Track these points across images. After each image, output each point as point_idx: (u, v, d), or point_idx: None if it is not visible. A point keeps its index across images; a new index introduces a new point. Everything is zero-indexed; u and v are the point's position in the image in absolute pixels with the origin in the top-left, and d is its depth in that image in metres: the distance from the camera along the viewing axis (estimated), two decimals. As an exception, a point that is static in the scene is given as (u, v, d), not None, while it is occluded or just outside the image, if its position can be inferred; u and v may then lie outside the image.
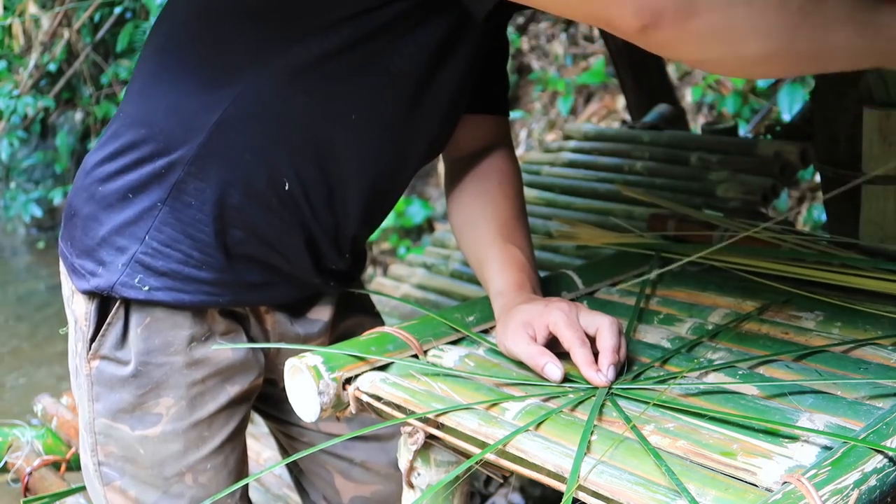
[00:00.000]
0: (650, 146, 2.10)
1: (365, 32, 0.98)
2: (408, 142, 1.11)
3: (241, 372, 1.17)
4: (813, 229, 3.07)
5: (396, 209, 4.23)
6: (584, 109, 4.35)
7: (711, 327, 1.10)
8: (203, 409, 1.14)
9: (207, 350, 1.13)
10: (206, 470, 1.15)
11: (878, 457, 0.75)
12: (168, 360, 1.11)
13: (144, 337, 1.10)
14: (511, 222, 1.16)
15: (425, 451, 1.02)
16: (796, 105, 3.18)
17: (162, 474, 1.14)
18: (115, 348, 1.12)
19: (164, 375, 1.12)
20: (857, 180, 1.29)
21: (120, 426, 1.13)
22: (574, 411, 0.92)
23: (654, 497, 0.76)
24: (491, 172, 1.20)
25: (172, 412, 1.13)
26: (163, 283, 1.08)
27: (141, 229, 1.07)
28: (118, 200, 1.08)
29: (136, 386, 1.12)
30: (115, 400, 1.12)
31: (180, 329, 1.11)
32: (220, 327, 1.15)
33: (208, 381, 1.14)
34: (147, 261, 1.07)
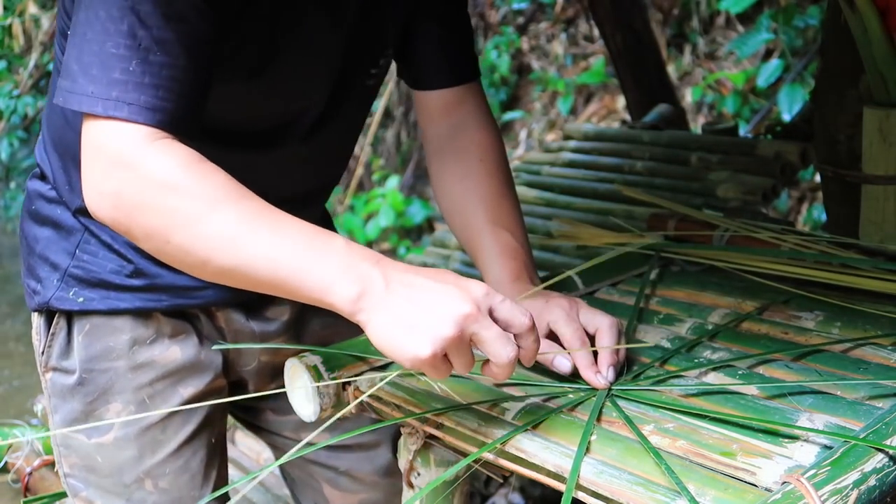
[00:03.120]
0: (650, 146, 2.10)
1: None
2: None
3: (194, 373, 1.16)
4: (813, 229, 3.07)
5: (396, 209, 4.23)
6: (584, 109, 4.35)
7: (711, 327, 1.10)
8: (154, 412, 1.13)
9: (153, 353, 1.13)
10: (165, 474, 1.14)
11: (878, 456, 0.75)
12: (111, 365, 1.12)
13: (85, 345, 1.12)
14: (499, 203, 1.14)
15: (425, 451, 1.02)
16: (796, 105, 3.18)
17: (122, 481, 1.14)
18: (61, 358, 1.13)
19: (108, 381, 1.12)
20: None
21: (77, 435, 1.13)
22: (574, 411, 0.92)
23: (654, 497, 0.76)
24: (470, 147, 1.17)
25: (123, 417, 1.13)
26: (96, 294, 1.10)
27: (70, 244, 1.11)
28: (48, 219, 1.12)
29: (83, 394, 1.12)
30: (69, 410, 1.13)
31: (120, 333, 1.12)
32: (167, 329, 1.14)
33: (157, 384, 1.13)
34: (79, 274, 1.10)
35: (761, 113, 3.55)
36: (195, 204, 0.81)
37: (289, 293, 0.82)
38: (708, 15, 4.15)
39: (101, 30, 0.83)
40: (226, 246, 0.81)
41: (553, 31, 4.65)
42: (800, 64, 3.48)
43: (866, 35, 1.38)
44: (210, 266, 0.82)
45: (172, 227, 0.82)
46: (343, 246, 0.82)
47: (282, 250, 0.81)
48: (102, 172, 0.84)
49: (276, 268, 0.81)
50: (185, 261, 0.84)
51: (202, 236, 0.81)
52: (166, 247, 0.83)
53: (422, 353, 0.77)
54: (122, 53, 0.82)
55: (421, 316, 0.78)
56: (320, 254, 0.81)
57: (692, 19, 4.16)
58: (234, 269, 0.82)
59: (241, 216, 0.82)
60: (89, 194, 0.85)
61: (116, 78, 0.82)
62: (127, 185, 0.82)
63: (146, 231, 0.83)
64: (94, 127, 0.85)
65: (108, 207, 0.84)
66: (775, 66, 3.54)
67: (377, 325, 0.79)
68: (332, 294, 0.80)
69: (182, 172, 0.82)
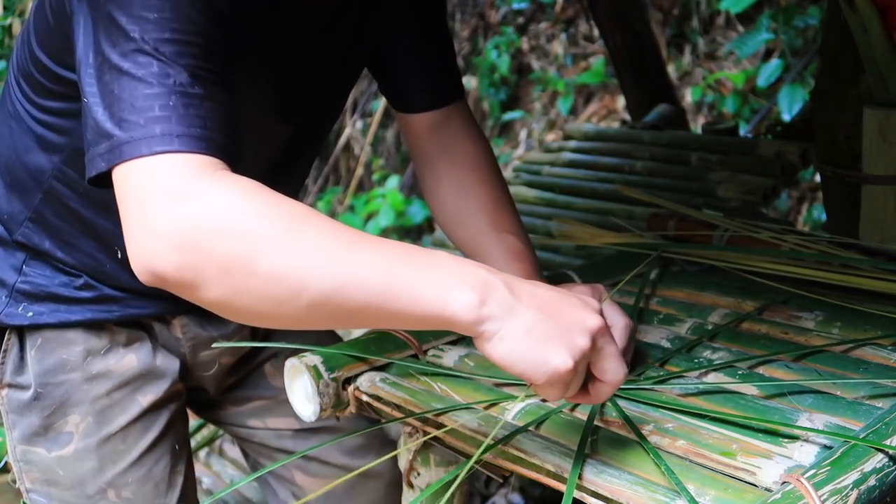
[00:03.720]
0: (650, 146, 2.10)
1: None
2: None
3: (151, 381, 1.15)
4: (813, 229, 3.07)
5: (396, 209, 4.23)
6: (584, 109, 4.34)
7: (711, 327, 1.10)
8: (113, 422, 1.13)
9: (107, 363, 1.12)
10: (127, 484, 1.14)
11: (878, 456, 0.75)
12: (66, 377, 1.11)
13: (38, 359, 1.11)
14: (499, 209, 1.14)
15: (425, 451, 1.02)
16: (796, 105, 3.18)
17: (84, 493, 1.13)
18: (15, 374, 1.13)
19: (65, 394, 1.11)
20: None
21: (37, 450, 1.13)
22: (574, 411, 0.92)
23: (654, 497, 0.76)
24: (462, 159, 1.17)
25: (82, 429, 1.12)
26: (46, 308, 1.10)
27: (17, 260, 1.10)
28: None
29: (40, 408, 1.12)
30: (27, 424, 1.13)
31: (73, 345, 1.11)
32: (121, 338, 1.14)
33: (114, 393, 1.13)
34: (27, 289, 1.10)
35: (761, 113, 3.55)
36: (279, 223, 0.71)
37: (399, 312, 0.71)
38: (708, 15, 4.15)
39: (128, 81, 0.76)
40: (323, 264, 0.70)
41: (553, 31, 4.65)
42: (800, 64, 3.48)
43: (866, 35, 1.38)
44: (306, 294, 0.70)
45: (258, 251, 0.70)
46: (447, 254, 0.74)
47: (386, 260, 0.71)
48: (158, 213, 0.71)
49: (386, 281, 0.71)
50: (274, 293, 0.70)
51: (295, 256, 0.70)
52: (250, 280, 0.70)
53: (563, 366, 0.71)
54: (158, 91, 0.76)
55: (556, 327, 0.72)
56: (428, 261, 0.73)
57: (692, 19, 4.16)
58: (335, 291, 0.70)
59: (331, 231, 0.72)
60: (143, 245, 0.72)
61: (157, 115, 0.75)
62: (194, 217, 0.70)
63: (225, 264, 0.70)
64: (136, 170, 0.74)
65: (171, 250, 0.70)
66: (775, 66, 3.54)
67: (509, 337, 0.71)
68: (450, 303, 0.70)
69: (254, 195, 0.72)
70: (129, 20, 0.76)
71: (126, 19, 0.77)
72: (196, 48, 0.78)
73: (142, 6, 0.77)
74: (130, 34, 0.76)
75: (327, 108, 1.17)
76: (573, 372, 0.73)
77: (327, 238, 0.71)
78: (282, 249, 0.70)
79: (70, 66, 0.93)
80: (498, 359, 0.72)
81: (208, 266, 0.70)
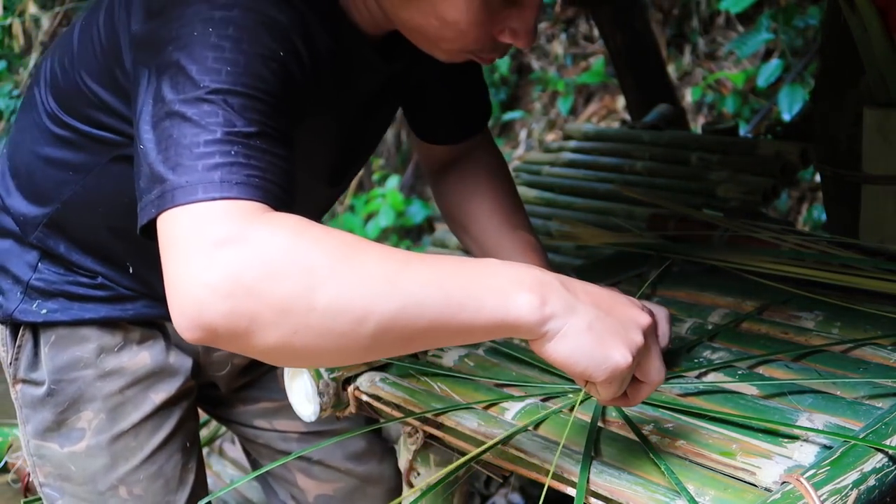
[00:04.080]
0: (650, 146, 2.10)
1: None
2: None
3: (164, 379, 1.16)
4: (813, 229, 3.07)
5: (396, 209, 4.23)
6: (584, 109, 4.34)
7: (711, 327, 1.10)
8: (125, 419, 1.13)
9: (121, 360, 1.13)
10: (139, 481, 1.14)
11: (878, 456, 0.75)
12: (79, 374, 1.11)
13: (52, 355, 1.11)
14: (514, 212, 1.17)
15: (425, 451, 1.02)
16: (796, 105, 3.18)
17: (96, 489, 1.14)
18: (30, 370, 1.13)
19: (78, 390, 1.12)
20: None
21: (50, 445, 1.14)
22: (573, 411, 0.92)
23: (654, 497, 0.76)
24: (479, 169, 1.19)
25: (94, 425, 1.13)
26: (60, 305, 1.10)
27: (32, 257, 1.10)
28: (7, 230, 1.11)
29: (53, 404, 1.12)
30: (40, 420, 1.13)
31: (87, 343, 1.11)
32: (134, 335, 1.14)
33: (127, 390, 1.13)
34: (41, 287, 1.10)
35: (761, 113, 3.55)
36: (333, 254, 0.68)
37: (462, 325, 0.70)
38: (708, 15, 4.15)
39: (190, 127, 0.73)
40: (384, 288, 0.68)
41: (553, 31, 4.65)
42: (800, 64, 3.48)
43: (866, 35, 1.38)
44: (371, 319, 0.67)
45: (316, 285, 0.66)
46: (497, 261, 0.73)
47: (443, 275, 0.70)
48: (206, 261, 0.66)
49: (447, 295, 0.69)
50: (336, 326, 0.67)
51: (354, 284, 0.67)
52: (310, 316, 0.66)
53: (624, 362, 0.72)
54: (221, 138, 0.72)
55: (613, 323, 0.73)
56: (482, 270, 0.72)
57: (692, 19, 4.16)
58: (399, 312, 0.68)
59: (384, 255, 0.70)
60: (188, 297, 0.67)
61: (218, 162, 0.71)
62: (245, 261, 0.66)
63: (282, 304, 0.66)
64: (185, 215, 0.70)
65: (221, 298, 0.66)
66: (775, 66, 3.54)
67: (572, 334, 0.71)
68: (513, 307, 0.70)
69: (302, 229, 0.69)
70: (199, 70, 0.75)
71: (196, 69, 0.75)
72: (263, 105, 0.76)
73: (214, 59, 0.75)
74: (199, 83, 0.74)
75: (364, 164, 1.20)
76: (631, 368, 0.73)
77: (382, 262, 0.69)
78: (340, 279, 0.67)
79: (112, 102, 0.94)
80: (560, 357, 0.72)
81: (263, 309, 0.66)
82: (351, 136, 1.06)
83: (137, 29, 0.84)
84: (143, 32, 0.83)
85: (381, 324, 0.68)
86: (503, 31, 0.89)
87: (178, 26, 0.78)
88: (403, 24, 0.90)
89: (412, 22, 0.88)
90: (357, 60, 0.96)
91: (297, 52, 0.82)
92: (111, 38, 0.91)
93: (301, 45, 0.82)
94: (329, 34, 0.90)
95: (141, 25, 0.84)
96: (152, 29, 0.81)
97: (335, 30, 0.91)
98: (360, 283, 0.67)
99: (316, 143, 1.00)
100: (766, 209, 1.81)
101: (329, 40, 0.90)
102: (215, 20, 0.77)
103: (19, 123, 1.10)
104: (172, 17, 0.79)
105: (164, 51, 0.77)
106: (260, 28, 0.78)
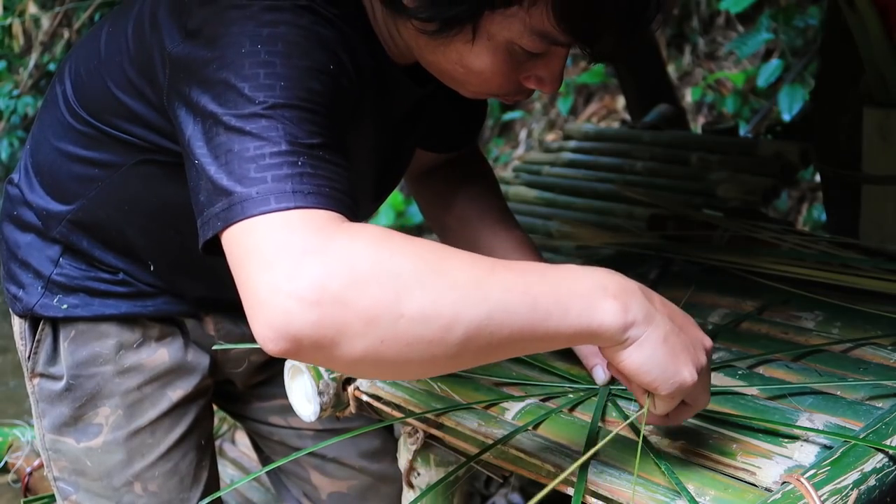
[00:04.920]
0: (650, 146, 2.10)
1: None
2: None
3: (182, 376, 1.16)
4: (813, 229, 3.07)
5: (396, 209, 4.23)
6: (584, 109, 4.35)
7: (711, 327, 1.10)
8: (143, 416, 1.14)
9: (140, 357, 1.13)
10: (154, 478, 1.15)
11: (878, 456, 0.75)
12: (98, 370, 1.12)
13: (71, 350, 1.11)
14: (505, 213, 1.17)
15: (425, 451, 1.02)
16: (796, 105, 3.18)
17: (111, 485, 1.14)
18: (48, 365, 1.13)
19: (96, 386, 1.12)
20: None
21: (66, 440, 1.14)
22: (573, 411, 0.92)
23: (654, 497, 0.76)
24: (469, 176, 1.21)
25: (111, 421, 1.13)
26: (80, 300, 1.10)
27: (54, 252, 1.09)
28: (30, 225, 1.11)
29: (71, 399, 1.12)
30: (57, 414, 1.13)
31: (106, 338, 1.11)
32: (153, 332, 1.14)
33: (145, 387, 1.13)
34: (62, 282, 1.10)
35: (761, 113, 3.55)
36: (419, 261, 0.67)
37: (549, 332, 0.70)
38: (708, 15, 4.15)
39: (251, 140, 0.72)
40: (472, 294, 0.67)
41: (553, 31, 4.65)
42: (800, 64, 3.48)
43: (866, 35, 1.38)
44: (459, 325, 0.66)
45: (404, 291, 0.65)
46: (579, 266, 0.73)
47: (529, 281, 0.69)
48: (290, 271, 0.65)
49: (534, 301, 0.69)
50: (425, 333, 0.66)
51: (442, 290, 0.66)
52: (398, 325, 0.65)
53: (690, 380, 0.73)
54: (287, 149, 0.72)
55: (685, 340, 0.74)
56: (566, 275, 0.71)
57: (692, 19, 4.16)
58: (487, 318, 0.67)
59: (469, 261, 0.70)
60: (274, 308, 0.65)
61: (286, 173, 0.70)
62: (331, 270, 0.65)
63: (370, 313, 0.65)
64: (259, 226, 0.69)
65: (308, 307, 0.64)
66: (775, 66, 3.54)
67: (649, 344, 0.72)
68: (598, 313, 0.70)
69: (385, 238, 0.69)
70: (252, 87, 0.74)
71: (249, 86, 0.74)
72: (320, 117, 0.76)
73: (266, 75, 0.75)
74: (255, 100, 0.74)
75: (400, 180, 1.19)
76: (695, 387, 0.74)
77: (468, 268, 0.69)
78: (428, 286, 0.66)
79: (141, 112, 0.94)
80: (634, 365, 0.72)
81: (351, 318, 0.65)
82: (389, 153, 1.07)
83: (174, 49, 0.83)
84: (182, 53, 0.81)
85: (469, 331, 0.67)
86: (529, 79, 0.89)
87: (223, 45, 0.77)
88: (429, 65, 0.91)
89: (438, 65, 0.89)
90: (391, 81, 0.97)
91: (345, 66, 0.82)
92: (141, 55, 0.91)
93: (347, 59, 0.82)
94: (369, 53, 0.91)
95: (179, 46, 0.82)
96: (191, 49, 0.80)
97: (373, 50, 0.92)
98: (448, 289, 0.67)
99: (362, 157, 1.00)
100: (766, 209, 1.81)
101: (369, 58, 0.91)
102: (263, 37, 0.77)
103: (41, 120, 1.10)
104: (215, 36, 0.78)
105: (207, 69, 0.77)
106: (308, 43, 0.78)
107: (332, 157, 0.75)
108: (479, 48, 0.84)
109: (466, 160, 1.23)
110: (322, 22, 0.81)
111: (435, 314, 0.66)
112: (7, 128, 6.05)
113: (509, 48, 0.84)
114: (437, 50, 0.87)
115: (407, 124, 1.07)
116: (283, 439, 1.34)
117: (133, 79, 0.93)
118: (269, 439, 1.36)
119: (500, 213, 1.17)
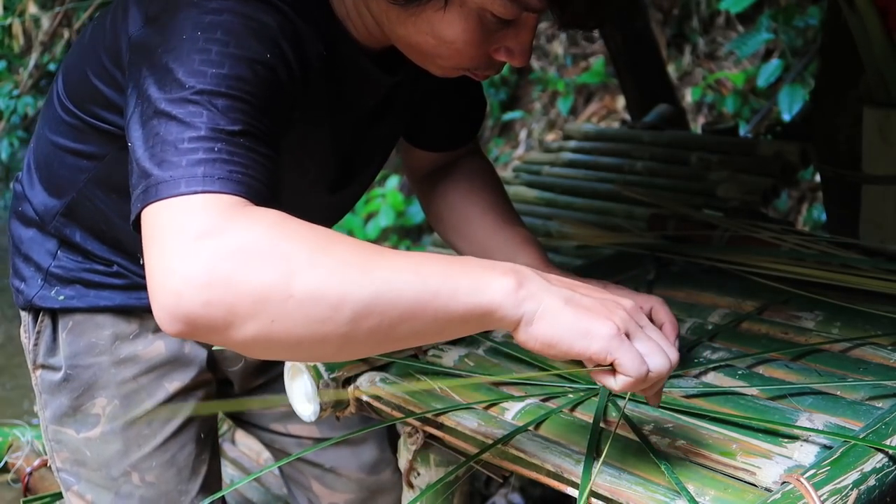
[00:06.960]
0: (650, 146, 2.10)
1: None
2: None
3: (179, 368, 1.17)
4: (813, 229, 3.07)
5: (396, 209, 4.23)
6: (584, 109, 4.35)
7: (711, 327, 1.10)
8: (139, 406, 1.15)
9: (136, 348, 1.14)
10: (151, 468, 1.16)
11: (878, 456, 0.75)
12: (94, 360, 1.13)
13: (69, 341, 1.13)
14: (508, 211, 1.18)
15: (425, 451, 1.02)
16: (796, 105, 3.18)
17: (109, 475, 1.15)
18: (48, 356, 1.15)
19: (93, 376, 1.13)
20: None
21: (66, 430, 1.15)
22: (573, 411, 0.92)
23: (654, 497, 0.76)
24: (471, 174, 1.21)
25: (108, 412, 1.14)
26: (76, 292, 1.12)
27: (52, 245, 1.12)
28: (33, 220, 1.13)
29: (69, 390, 1.14)
30: (58, 405, 1.15)
31: (102, 329, 1.13)
32: (150, 324, 1.15)
33: (141, 378, 1.15)
34: (59, 273, 1.12)
35: (761, 113, 3.55)
36: (308, 243, 0.69)
37: (439, 311, 0.70)
38: (708, 15, 4.15)
39: (176, 125, 0.75)
40: (360, 272, 0.68)
41: (553, 31, 4.65)
42: (800, 64, 3.48)
43: (866, 35, 1.38)
44: (346, 304, 0.67)
45: (292, 272, 0.67)
46: (474, 258, 0.74)
47: (418, 263, 0.70)
48: (183, 253, 0.67)
49: (423, 281, 0.69)
50: (314, 313, 0.67)
51: (330, 269, 0.68)
52: (287, 304, 0.67)
53: (607, 330, 0.70)
54: (204, 136, 0.74)
55: (591, 301, 0.73)
56: (458, 261, 0.72)
57: (692, 19, 4.16)
58: (375, 297, 0.68)
59: (359, 246, 0.71)
60: (166, 288, 0.67)
61: (202, 158, 0.73)
62: (221, 252, 0.67)
63: (259, 293, 0.66)
64: (167, 209, 0.71)
65: (198, 288, 0.66)
66: (775, 66, 3.54)
67: (549, 312, 0.70)
68: (488, 290, 0.70)
69: (282, 222, 0.70)
70: (185, 72, 0.77)
71: (183, 71, 0.77)
72: (248, 105, 0.78)
73: (200, 61, 0.77)
74: (185, 84, 0.76)
75: (373, 174, 1.19)
76: (619, 336, 0.71)
77: (358, 251, 0.70)
78: (316, 267, 0.68)
79: (115, 99, 0.96)
80: (542, 338, 0.71)
81: (240, 300, 0.66)
82: (351, 145, 1.07)
83: (134, 33, 0.87)
84: (139, 36, 0.86)
85: (357, 309, 0.68)
86: (499, 50, 0.89)
87: (170, 31, 0.80)
88: (399, 40, 0.91)
89: (408, 39, 0.89)
90: (353, 70, 0.97)
91: (285, 56, 0.83)
92: (113, 41, 0.94)
93: (289, 48, 0.84)
94: (322, 41, 0.91)
95: (138, 30, 0.87)
96: (148, 34, 0.84)
97: (329, 38, 0.92)
98: (336, 269, 0.68)
99: (310, 149, 1.01)
100: (766, 209, 1.81)
101: (321, 47, 0.91)
102: (204, 24, 0.79)
103: (42, 117, 1.12)
104: (166, 22, 0.81)
105: (155, 54, 0.80)
106: (247, 31, 0.80)
107: (253, 146, 0.76)
108: (451, 16, 0.84)
109: (467, 158, 1.23)
110: (268, 10, 0.82)
111: (322, 293, 0.67)
112: (7, 128, 6.06)
113: (481, 15, 0.84)
114: (407, 21, 0.87)
115: (376, 116, 1.06)
116: (284, 447, 1.35)
117: (107, 66, 0.96)
118: (271, 447, 1.37)
119: (503, 211, 1.17)
